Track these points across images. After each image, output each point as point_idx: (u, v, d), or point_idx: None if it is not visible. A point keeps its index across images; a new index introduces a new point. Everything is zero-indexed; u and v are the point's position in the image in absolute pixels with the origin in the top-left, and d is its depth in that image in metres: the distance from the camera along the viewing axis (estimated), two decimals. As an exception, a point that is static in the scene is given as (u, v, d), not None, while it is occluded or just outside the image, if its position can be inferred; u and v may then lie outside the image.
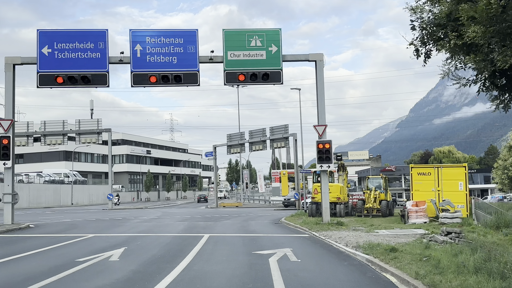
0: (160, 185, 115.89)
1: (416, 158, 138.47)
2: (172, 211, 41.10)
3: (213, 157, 54.37)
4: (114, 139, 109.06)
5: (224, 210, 43.55)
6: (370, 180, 31.44)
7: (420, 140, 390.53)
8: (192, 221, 25.87)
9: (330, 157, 21.41)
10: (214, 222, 24.62)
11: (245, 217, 30.06)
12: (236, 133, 52.60)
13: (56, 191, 71.04)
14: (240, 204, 56.30)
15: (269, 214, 34.38)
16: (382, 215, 29.19)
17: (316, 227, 19.92)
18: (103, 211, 42.87)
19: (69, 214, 34.92)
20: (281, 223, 25.08)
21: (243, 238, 16.05)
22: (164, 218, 28.56)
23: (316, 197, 29.36)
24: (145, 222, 24.99)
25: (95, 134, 49.64)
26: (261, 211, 41.08)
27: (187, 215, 33.15)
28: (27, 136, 49.16)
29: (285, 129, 47.17)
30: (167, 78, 21.03)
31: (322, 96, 22.09)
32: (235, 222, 24.90)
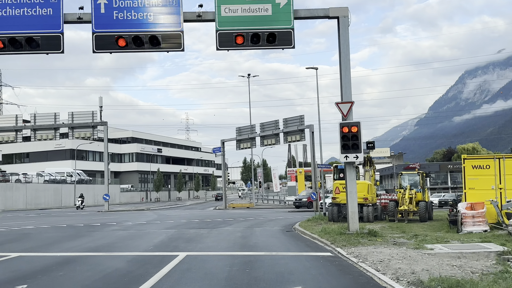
0: (172, 185, 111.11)
1: (439, 156, 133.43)
2: (171, 214, 36.02)
3: (221, 153, 49.13)
4: (123, 137, 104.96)
5: (232, 212, 38.33)
6: (403, 177, 25.86)
7: (439, 138, 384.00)
8: (182, 228, 20.67)
9: (358, 145, 15.98)
10: (209, 230, 19.38)
11: (252, 222, 24.78)
12: (246, 126, 47.30)
13: (56, 191, 66.61)
14: (251, 204, 50.99)
15: (281, 218, 29.05)
16: (420, 219, 23.67)
17: (341, 239, 14.54)
18: (95, 214, 37.96)
19: (45, 219, 29.99)
20: (294, 230, 19.76)
21: (234, 261, 10.75)
22: (152, 224, 23.42)
23: (338, 197, 23.96)
24: (122, 230, 19.85)
25: (89, 128, 44.85)
26: (273, 213, 35.75)
27: (184, 219, 27.99)
28: (15, 131, 44.50)
29: (300, 120, 41.70)
30: (140, 41, 15.83)
31: (346, 64, 16.65)
32: (236, 230, 19.62)
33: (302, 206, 43.68)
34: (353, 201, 16.30)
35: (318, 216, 25.52)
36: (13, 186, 57.22)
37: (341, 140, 16.13)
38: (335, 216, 23.69)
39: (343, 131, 16.10)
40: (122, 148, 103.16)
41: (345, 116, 16.35)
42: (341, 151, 16.14)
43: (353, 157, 16.05)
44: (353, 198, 16.30)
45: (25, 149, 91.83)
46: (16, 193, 57.62)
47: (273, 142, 44.04)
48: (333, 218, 23.67)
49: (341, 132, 16.12)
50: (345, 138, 16.07)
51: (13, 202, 56.53)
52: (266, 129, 44.53)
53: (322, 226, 19.50)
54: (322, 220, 24.45)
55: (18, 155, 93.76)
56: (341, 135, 16.12)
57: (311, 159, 40.28)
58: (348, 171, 16.45)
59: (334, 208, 23.85)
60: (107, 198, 44.54)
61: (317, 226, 20.87)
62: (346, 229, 16.96)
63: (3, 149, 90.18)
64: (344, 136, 16.07)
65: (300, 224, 21.78)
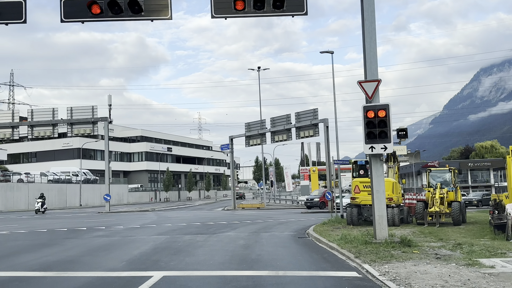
0: (182, 184, 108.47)
1: (456, 154, 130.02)
2: (173, 215, 33.16)
3: (230, 150, 46.16)
4: (132, 136, 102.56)
5: (240, 214, 35.38)
6: (433, 174, 22.66)
7: (455, 137, 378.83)
8: (177, 233, 17.73)
9: (387, 133, 12.88)
10: (207, 237, 16.42)
11: (259, 226, 21.79)
12: (255, 122, 44.28)
13: (61, 191, 64.26)
14: (262, 205, 47.96)
15: (293, 220, 26.01)
16: (453, 222, 20.48)
17: (367, 250, 11.49)
18: (92, 216, 35.23)
19: (33, 221, 27.29)
20: (307, 236, 16.75)
21: (224, 287, 7.71)
22: (146, 229, 20.52)
23: (358, 197, 20.89)
24: (105, 236, 16.95)
25: (89, 124, 42.18)
26: (285, 215, 32.72)
27: (185, 221, 25.09)
28: (11, 128, 42.04)
29: (314, 114, 38.61)
30: (117, 7, 12.89)
31: (371, 34, 13.55)
32: (239, 236, 16.63)
33: (313, 206, 40.92)
34: (380, 202, 13.19)
35: (334, 219, 22.45)
36: (14, 186, 54.87)
37: (366, 127, 13.04)
38: (355, 219, 20.61)
39: (367, 116, 13.01)
40: (131, 147, 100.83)
41: (370, 98, 13.26)
42: (366, 140, 13.05)
43: (380, 148, 12.95)
44: (380, 199, 13.20)
45: (32, 149, 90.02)
46: (18, 193, 55.27)
47: (284, 138, 41.01)
48: (352, 221, 20.61)
49: (365, 118, 13.03)
50: (371, 125, 12.98)
51: (14, 203, 54.18)
52: (277, 124, 41.51)
53: (341, 232, 16.44)
54: (339, 223, 21.41)
55: (25, 154, 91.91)
56: (365, 121, 13.03)
57: (326, 155, 37.20)
58: (374, 165, 13.35)
59: (354, 209, 20.77)
60: (108, 198, 41.85)
61: (335, 231, 17.82)
62: (372, 236, 13.88)
63: (9, 149, 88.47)
64: (369, 123, 12.98)
65: (314, 229, 18.74)
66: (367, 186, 20.80)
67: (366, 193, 20.72)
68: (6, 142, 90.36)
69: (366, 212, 20.67)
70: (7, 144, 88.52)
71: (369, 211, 20.60)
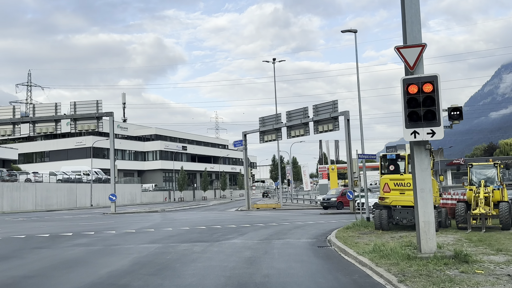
0: (198, 184, 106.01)
1: (479, 151, 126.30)
2: (179, 217, 30.37)
3: (243, 147, 43.24)
4: (147, 135, 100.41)
5: (253, 215, 32.48)
6: (475, 169, 19.40)
7: (476, 134, 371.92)
8: (173, 241, 14.87)
9: (435, 113, 9.81)
10: (207, 246, 13.53)
11: (272, 230, 18.83)
12: (270, 116, 41.27)
13: (70, 191, 62.16)
14: (278, 205, 44.94)
15: (311, 223, 22.97)
16: (502, 226, 17.22)
17: (412, 270, 8.47)
18: (94, 217, 32.65)
19: (23, 224, 24.75)
20: (329, 245, 13.76)
21: None
22: (139, 234, 17.72)
23: (388, 197, 17.78)
24: (86, 245, 14.16)
25: (93, 120, 39.65)
26: (302, 216, 29.70)
27: (189, 225, 22.26)
28: (12, 124, 39.75)
29: (333, 106, 35.46)
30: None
31: (413, -13, 10.45)
32: (246, 245, 13.70)
33: (331, 207, 38.04)
34: (426, 204, 10.10)
35: (359, 222, 19.36)
36: (20, 186, 52.78)
37: (406, 106, 9.96)
38: (384, 222, 17.51)
39: (409, 92, 9.94)
40: (146, 146, 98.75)
41: (412, 68, 10.18)
42: (406, 124, 9.98)
43: (426, 133, 9.87)
44: (426, 200, 10.11)
45: (45, 148, 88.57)
46: (24, 193, 53.18)
47: (301, 133, 37.94)
48: (381, 225, 17.52)
49: (406, 94, 9.96)
50: (413, 103, 9.91)
51: (20, 203, 52.10)
52: (294, 118, 38.46)
53: (370, 239, 13.43)
54: (365, 227, 18.35)
55: (38, 154, 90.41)
56: (405, 98, 9.96)
57: (347, 151, 34.02)
58: (417, 156, 10.26)
59: (383, 212, 17.65)
60: (113, 198, 39.28)
61: (362, 238, 14.79)
62: (414, 247, 10.82)
63: (22, 148, 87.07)
64: (411, 100, 9.91)
65: (337, 235, 15.71)
66: (398, 184, 17.72)
67: (397, 192, 17.65)
68: (19, 141, 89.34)
69: (398, 214, 17.57)
70: (20, 144, 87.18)
71: (402, 214, 17.52)
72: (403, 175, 17.76)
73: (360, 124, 21.95)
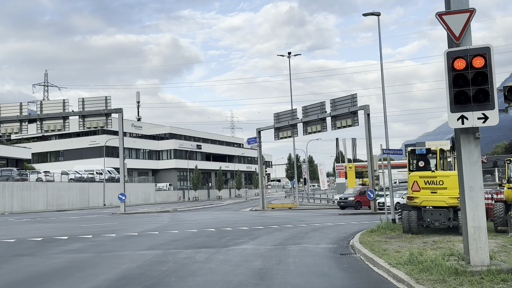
0: (213, 183, 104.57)
1: (500, 149, 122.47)
2: (189, 218, 28.73)
3: (257, 144, 41.47)
4: (161, 133, 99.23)
5: (268, 216, 30.70)
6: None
7: (495, 132, 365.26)
8: (176, 247, 13.18)
9: (488, 93, 7.93)
10: (213, 253, 11.81)
11: (288, 233, 17.04)
12: (285, 111, 39.42)
13: (83, 190, 61.03)
14: (294, 205, 43.07)
15: (330, 225, 21.09)
16: (548, 230, 15.16)
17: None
18: (101, 218, 31.20)
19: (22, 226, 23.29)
20: (353, 252, 11.94)
21: None
22: (141, 238, 16.08)
23: (418, 197, 15.82)
24: (78, 252, 12.53)
25: (102, 117, 38.24)
26: (320, 217, 27.85)
27: (197, 227, 20.56)
28: (19, 121, 38.55)
29: (352, 100, 33.48)
30: None
31: None
32: (257, 252, 11.94)
33: (348, 206, 36.22)
34: (476, 206, 8.21)
35: (384, 225, 17.42)
36: (31, 186, 51.71)
37: (452, 84, 8.09)
38: (414, 225, 15.58)
39: (454, 68, 8.07)
40: (160, 145, 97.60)
41: (458, 39, 8.30)
42: (451, 107, 8.11)
43: (477, 118, 8.00)
44: (476, 201, 8.22)
45: (59, 147, 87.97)
46: (35, 193, 52.11)
47: (318, 129, 36.01)
48: (410, 228, 15.60)
49: (451, 70, 8.09)
50: (460, 81, 8.03)
51: (31, 203, 51.04)
52: (310, 113, 36.56)
53: (402, 247, 11.57)
54: (392, 230, 16.45)
55: (52, 153, 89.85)
56: (450, 75, 8.09)
57: (367, 147, 32.02)
58: (465, 147, 8.37)
59: (412, 213, 15.72)
60: (123, 198, 37.80)
61: (390, 243, 12.93)
62: (459, 257, 8.93)
63: (37, 148, 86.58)
64: (458, 77, 8.03)
65: (361, 239, 13.86)
66: (429, 182, 15.76)
67: (428, 191, 15.70)
68: (32, 141, 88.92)
69: (429, 216, 15.62)
70: (34, 143, 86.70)
71: (433, 216, 15.57)
72: (435, 172, 15.83)
73: (384, 117, 20.00)
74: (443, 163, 17.17)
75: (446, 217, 15.34)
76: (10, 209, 47.74)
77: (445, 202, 15.24)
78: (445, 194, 15.30)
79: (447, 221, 15.36)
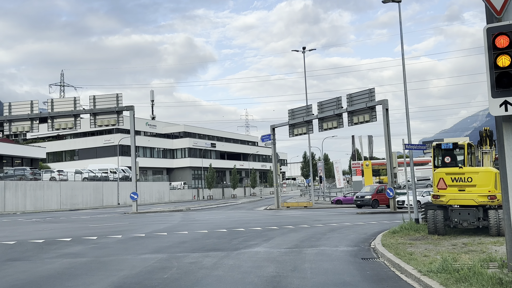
0: (228, 181, 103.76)
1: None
2: (201, 218, 27.83)
3: (271, 141, 40.41)
4: (175, 132, 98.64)
5: (283, 215, 29.67)
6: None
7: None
8: (181, 251, 12.22)
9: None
10: (222, 257, 10.84)
11: (303, 234, 15.99)
12: (300, 108, 38.31)
13: (97, 189, 60.67)
14: (309, 203, 41.96)
15: (348, 224, 19.99)
16: None
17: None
18: (112, 217, 30.47)
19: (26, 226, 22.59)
20: (376, 256, 10.86)
21: None
22: (147, 240, 15.16)
23: (444, 195, 14.64)
24: (76, 256, 11.63)
25: (113, 114, 37.55)
26: (336, 216, 26.74)
27: (208, 227, 19.62)
28: (30, 120, 38.05)
29: (370, 95, 32.24)
30: None
31: None
32: (270, 256, 10.94)
33: (365, 205, 35.13)
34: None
35: (407, 225, 16.25)
36: (44, 185, 51.38)
37: (493, 66, 6.97)
38: (440, 226, 14.41)
39: (496, 46, 6.95)
40: (174, 144, 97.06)
41: (499, 13, 7.18)
42: (492, 91, 7.01)
43: (527, 101, 6.86)
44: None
45: (74, 146, 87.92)
46: (48, 192, 51.77)
47: (334, 125, 34.84)
48: (436, 229, 14.43)
49: (492, 49, 6.97)
50: (504, 60, 6.90)
51: (44, 202, 50.71)
52: (326, 109, 35.39)
53: (429, 250, 10.46)
54: (415, 231, 15.30)
55: (68, 152, 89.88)
56: (491, 55, 6.97)
57: (386, 143, 30.74)
58: (508, 137, 7.25)
59: (438, 213, 14.55)
60: (135, 197, 37.07)
61: (416, 245, 11.83)
62: (501, 264, 7.81)
63: (52, 147, 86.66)
64: (502, 56, 6.90)
65: (383, 242, 12.76)
66: (457, 179, 14.56)
67: (455, 189, 14.50)
68: (48, 140, 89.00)
69: (457, 216, 14.42)
70: (49, 142, 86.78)
71: (461, 215, 14.37)
72: (463, 168, 14.63)
73: (406, 109, 18.76)
74: (471, 158, 15.96)
75: (476, 217, 14.15)
76: (23, 209, 47.44)
77: (474, 201, 14.05)
78: (474, 192, 14.11)
79: (477, 221, 14.17)
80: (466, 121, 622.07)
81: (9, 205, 46.54)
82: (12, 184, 47.53)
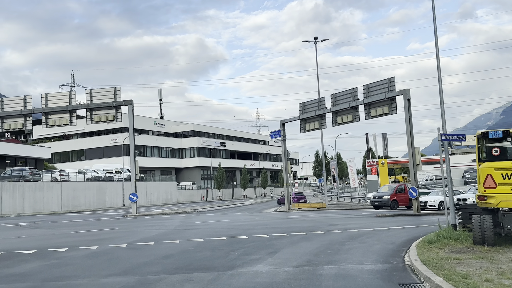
0: (238, 181, 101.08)
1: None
2: (203, 221, 25.06)
3: (281, 138, 37.50)
4: (184, 131, 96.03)
5: (293, 218, 26.79)
6: None
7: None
8: (159, 270, 9.42)
9: None
10: (208, 281, 8.08)
11: (318, 245, 13.10)
12: (312, 100, 35.36)
13: (100, 190, 58.26)
14: (323, 205, 38.97)
15: (369, 230, 17.05)
16: None
17: None
18: (106, 221, 27.82)
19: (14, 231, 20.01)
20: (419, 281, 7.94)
21: None
22: (126, 252, 12.38)
23: (493, 196, 11.67)
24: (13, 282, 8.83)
25: (111, 109, 34.94)
26: (354, 219, 23.81)
27: (204, 235, 16.81)
28: (23, 116, 35.58)
29: (389, 85, 29.19)
30: None
31: None
32: (272, 281, 8.09)
33: (383, 206, 32.28)
34: None
35: (445, 232, 13.24)
36: (44, 186, 49.01)
37: None
38: (489, 234, 11.45)
39: None
40: (183, 143, 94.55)
41: None
42: None
43: None
44: None
45: (80, 146, 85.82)
46: (49, 193, 49.41)
47: (349, 119, 31.84)
48: (484, 239, 11.46)
49: None
50: None
51: (44, 204, 48.34)
52: (340, 101, 32.41)
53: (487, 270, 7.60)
54: (456, 240, 12.36)
55: (75, 152, 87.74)
56: None
57: (407, 137, 27.68)
58: None
59: (486, 218, 11.58)
60: (134, 199, 34.38)
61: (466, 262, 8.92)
62: None
63: (59, 147, 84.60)
64: None
65: (421, 256, 9.84)
66: (509, 176, 11.58)
67: (508, 187, 11.52)
68: (54, 140, 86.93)
69: (509, 222, 11.47)
70: (56, 142, 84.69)
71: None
72: (518, 162, 11.66)
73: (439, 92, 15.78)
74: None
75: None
76: (21, 211, 45.09)
77: None
78: None
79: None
80: (480, 119, 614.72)
81: (5, 207, 44.21)
82: (10, 185, 45.21)
